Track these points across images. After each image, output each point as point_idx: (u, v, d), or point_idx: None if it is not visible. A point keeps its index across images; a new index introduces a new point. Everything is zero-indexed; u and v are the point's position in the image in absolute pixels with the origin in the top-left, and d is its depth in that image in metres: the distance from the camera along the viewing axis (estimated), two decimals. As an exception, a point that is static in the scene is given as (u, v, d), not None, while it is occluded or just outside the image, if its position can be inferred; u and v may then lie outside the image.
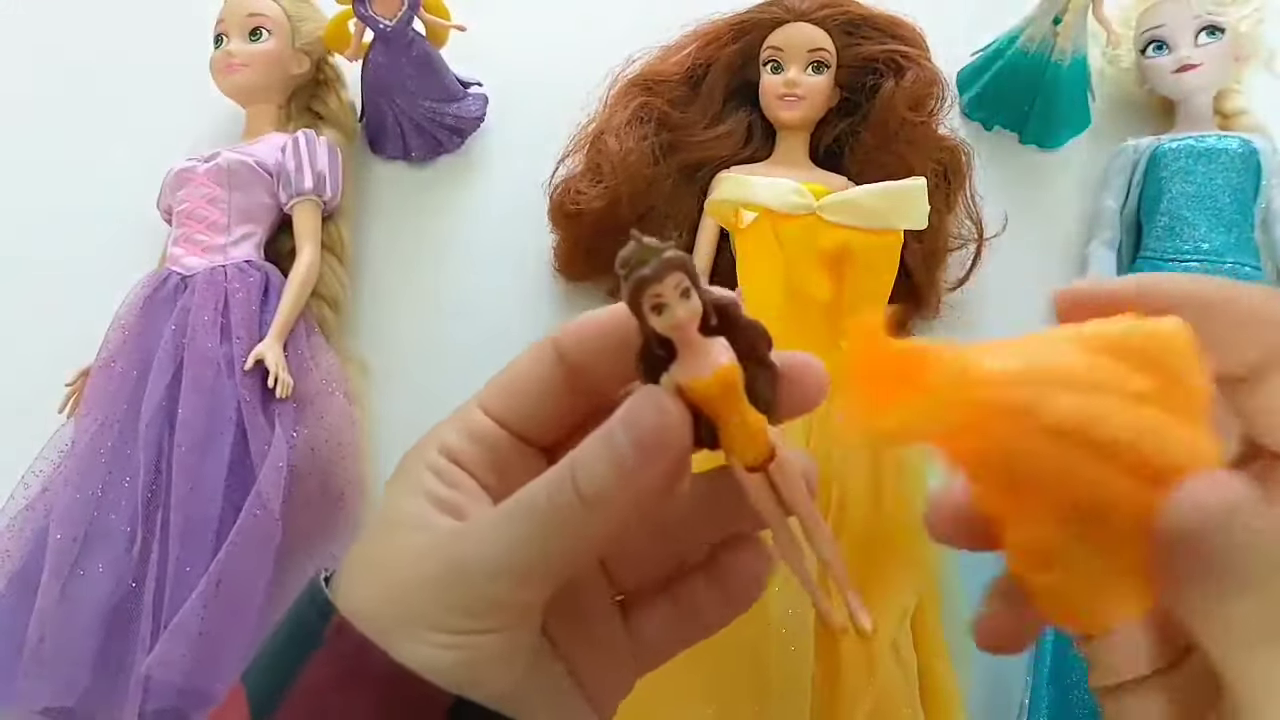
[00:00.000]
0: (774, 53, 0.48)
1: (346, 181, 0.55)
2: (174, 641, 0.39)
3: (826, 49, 0.48)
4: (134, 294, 0.50)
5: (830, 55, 0.48)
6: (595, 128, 0.50)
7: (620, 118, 0.49)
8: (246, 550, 0.41)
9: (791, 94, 0.48)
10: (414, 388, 0.51)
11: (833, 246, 0.37)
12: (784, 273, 0.37)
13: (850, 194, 0.38)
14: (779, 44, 0.48)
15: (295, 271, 0.50)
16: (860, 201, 0.37)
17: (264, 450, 0.44)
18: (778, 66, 0.48)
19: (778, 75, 0.48)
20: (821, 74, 0.48)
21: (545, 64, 0.61)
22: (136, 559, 0.41)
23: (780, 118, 0.49)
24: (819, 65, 0.48)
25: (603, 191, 0.49)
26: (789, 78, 0.47)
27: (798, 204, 0.38)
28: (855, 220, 0.37)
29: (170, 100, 0.62)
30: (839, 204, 0.37)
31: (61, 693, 0.39)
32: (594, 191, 0.49)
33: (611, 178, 0.49)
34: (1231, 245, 0.48)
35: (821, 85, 0.48)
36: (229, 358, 0.46)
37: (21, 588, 0.42)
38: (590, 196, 0.49)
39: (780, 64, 0.48)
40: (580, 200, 0.50)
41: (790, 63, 0.48)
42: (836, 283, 0.38)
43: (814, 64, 0.48)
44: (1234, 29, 0.51)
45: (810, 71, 0.48)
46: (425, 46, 0.56)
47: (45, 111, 0.64)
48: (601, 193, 0.49)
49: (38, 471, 0.47)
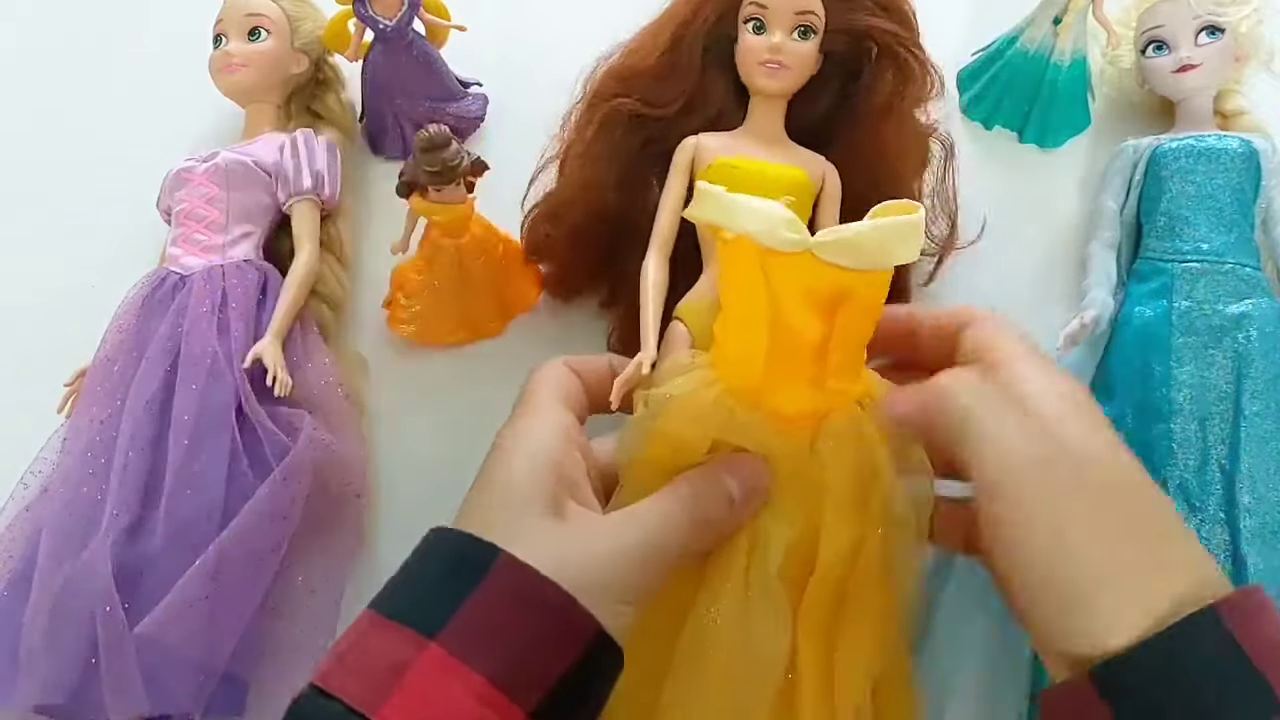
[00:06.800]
0: (757, 10, 0.43)
1: (346, 181, 0.55)
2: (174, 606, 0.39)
3: (815, 11, 0.43)
4: (132, 294, 0.50)
5: (819, 19, 0.43)
6: (562, 146, 0.48)
7: (586, 135, 0.46)
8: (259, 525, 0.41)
9: (774, 60, 0.43)
10: (414, 387, 0.51)
11: (827, 288, 0.33)
12: (769, 305, 0.34)
13: (849, 233, 0.32)
14: (763, 0, 0.43)
15: (294, 271, 0.50)
16: (861, 242, 0.32)
17: (261, 448, 0.44)
18: (760, 26, 0.43)
19: (759, 37, 0.43)
20: (808, 40, 0.43)
21: (545, 64, 0.61)
22: (132, 556, 0.41)
23: (759, 85, 0.44)
24: (806, 30, 0.43)
25: (568, 230, 0.48)
26: (774, 42, 0.43)
27: (790, 240, 0.32)
28: (854, 262, 0.32)
29: (170, 100, 0.62)
30: (838, 244, 0.32)
31: (51, 690, 0.39)
32: (559, 231, 0.48)
33: (576, 211, 0.47)
34: (1231, 245, 0.48)
35: (807, 52, 0.44)
36: (227, 354, 0.46)
37: (21, 588, 0.42)
38: (556, 236, 0.49)
39: (764, 24, 0.43)
40: (547, 241, 0.49)
41: (775, 24, 0.43)
42: (828, 323, 0.34)
43: (801, 28, 0.43)
44: (1234, 29, 0.51)
45: (796, 36, 0.43)
46: (425, 46, 0.56)
47: (45, 112, 0.64)
48: (567, 231, 0.48)
49: (36, 471, 0.47)
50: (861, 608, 0.36)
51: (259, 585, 0.42)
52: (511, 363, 0.51)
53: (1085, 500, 0.30)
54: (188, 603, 0.40)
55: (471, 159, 0.45)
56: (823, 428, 0.36)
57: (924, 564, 0.39)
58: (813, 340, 0.34)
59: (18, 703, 0.40)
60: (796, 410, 0.36)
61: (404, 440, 0.50)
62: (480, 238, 0.49)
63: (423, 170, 0.44)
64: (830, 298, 0.33)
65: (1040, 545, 0.30)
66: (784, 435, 0.36)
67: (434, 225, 0.48)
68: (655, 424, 0.36)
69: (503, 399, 0.38)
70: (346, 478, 0.46)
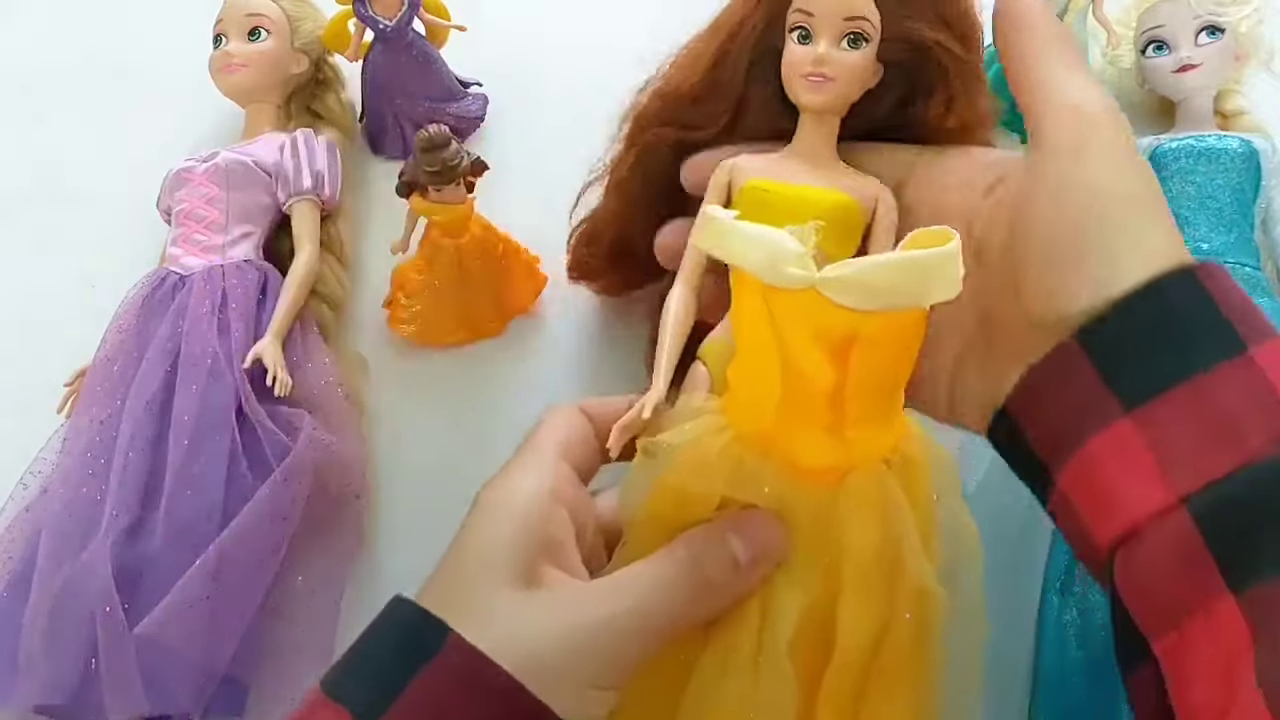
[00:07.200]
0: (802, 17, 0.38)
1: (346, 181, 0.55)
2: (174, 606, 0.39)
3: (868, 17, 0.37)
4: (132, 294, 0.50)
5: (873, 27, 0.38)
6: (605, 168, 0.46)
7: (627, 160, 0.44)
8: (259, 526, 0.41)
9: (818, 73, 0.38)
10: (414, 387, 0.51)
11: (837, 330, 0.28)
12: (778, 346, 0.30)
13: (861, 269, 0.27)
14: (808, 7, 0.38)
15: (294, 271, 0.50)
16: (873, 280, 0.27)
17: (262, 448, 0.44)
18: (806, 35, 0.38)
19: (805, 46, 0.38)
20: (859, 48, 0.38)
21: (545, 64, 0.61)
22: (132, 557, 0.41)
23: (803, 100, 0.39)
24: (857, 38, 0.38)
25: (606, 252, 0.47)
26: (819, 53, 0.38)
27: (795, 277, 0.28)
28: (866, 303, 0.27)
29: (170, 100, 0.62)
30: (846, 282, 0.27)
31: (51, 691, 0.39)
32: (599, 253, 0.48)
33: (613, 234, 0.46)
34: (1231, 245, 0.48)
35: (858, 63, 0.38)
36: (227, 354, 0.46)
37: (21, 589, 0.42)
38: (597, 258, 0.48)
39: (809, 32, 0.38)
40: (588, 262, 0.49)
41: (822, 32, 0.38)
42: (842, 367, 0.29)
43: (851, 35, 0.38)
44: (1234, 29, 0.51)
45: (846, 45, 0.38)
46: (425, 46, 0.56)
47: (45, 113, 0.64)
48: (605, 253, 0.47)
49: (36, 472, 0.47)
50: (890, 693, 0.32)
51: (259, 586, 0.42)
52: (511, 363, 0.52)
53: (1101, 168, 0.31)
54: (188, 603, 0.39)
55: (471, 159, 0.45)
56: (841, 487, 0.32)
57: (976, 634, 0.34)
58: (825, 385, 0.30)
59: (17, 703, 0.40)
60: (814, 462, 0.32)
61: (404, 440, 0.50)
62: (480, 238, 0.49)
63: (423, 170, 0.44)
64: (843, 340, 0.29)
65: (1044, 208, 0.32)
66: (799, 490, 0.32)
67: (434, 225, 0.48)
68: (657, 476, 0.32)
69: (503, 399, 0.38)
70: (346, 478, 0.46)
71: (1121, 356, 0.30)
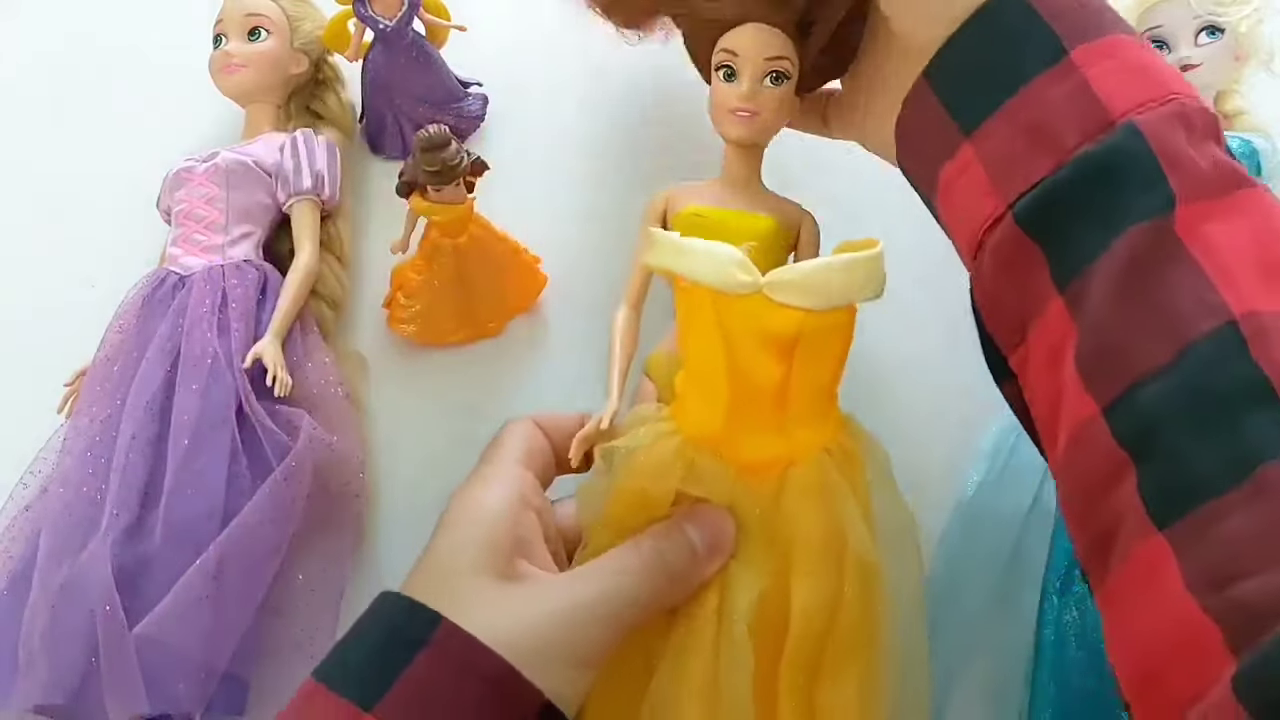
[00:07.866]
0: (727, 57, 0.41)
1: (346, 181, 0.55)
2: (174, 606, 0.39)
3: (789, 58, 0.40)
4: (132, 294, 0.50)
5: (793, 65, 0.40)
6: None
7: None
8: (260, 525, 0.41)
9: (745, 108, 0.41)
10: (414, 387, 0.51)
11: (782, 330, 0.32)
12: (725, 351, 0.33)
13: (801, 272, 0.31)
14: (733, 47, 0.40)
15: (294, 271, 0.50)
16: (813, 282, 0.31)
17: (262, 448, 0.44)
18: (731, 73, 0.41)
19: (730, 84, 0.41)
20: (780, 85, 0.41)
21: (545, 64, 0.61)
22: (132, 556, 0.41)
23: (732, 135, 0.42)
24: (778, 76, 0.41)
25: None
26: (744, 90, 0.41)
27: (742, 283, 0.32)
28: (808, 302, 0.31)
29: (170, 100, 0.62)
30: (788, 284, 0.31)
31: (51, 690, 0.39)
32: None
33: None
34: (1231, 245, 0.48)
35: (781, 98, 0.41)
36: (227, 354, 0.46)
37: (21, 588, 0.42)
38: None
39: (734, 70, 0.41)
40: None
41: (745, 71, 0.41)
42: (785, 366, 0.33)
43: (773, 74, 0.41)
44: (1234, 29, 0.51)
45: (769, 83, 0.41)
46: (425, 46, 0.56)
47: (44, 113, 0.64)
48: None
49: (36, 471, 0.47)
50: (843, 665, 0.35)
51: (259, 585, 0.42)
52: (511, 363, 0.52)
53: None
54: (188, 603, 0.39)
55: (471, 159, 0.46)
56: (786, 477, 0.35)
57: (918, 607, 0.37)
58: (770, 385, 0.34)
59: (18, 703, 0.40)
60: (760, 458, 0.35)
61: (404, 440, 0.50)
62: (480, 238, 0.49)
63: (423, 170, 0.44)
64: (787, 340, 0.32)
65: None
66: (748, 484, 0.35)
67: (434, 225, 0.48)
68: (615, 480, 0.35)
69: (503, 399, 0.39)
70: (346, 477, 0.46)
71: (960, 84, 0.32)
